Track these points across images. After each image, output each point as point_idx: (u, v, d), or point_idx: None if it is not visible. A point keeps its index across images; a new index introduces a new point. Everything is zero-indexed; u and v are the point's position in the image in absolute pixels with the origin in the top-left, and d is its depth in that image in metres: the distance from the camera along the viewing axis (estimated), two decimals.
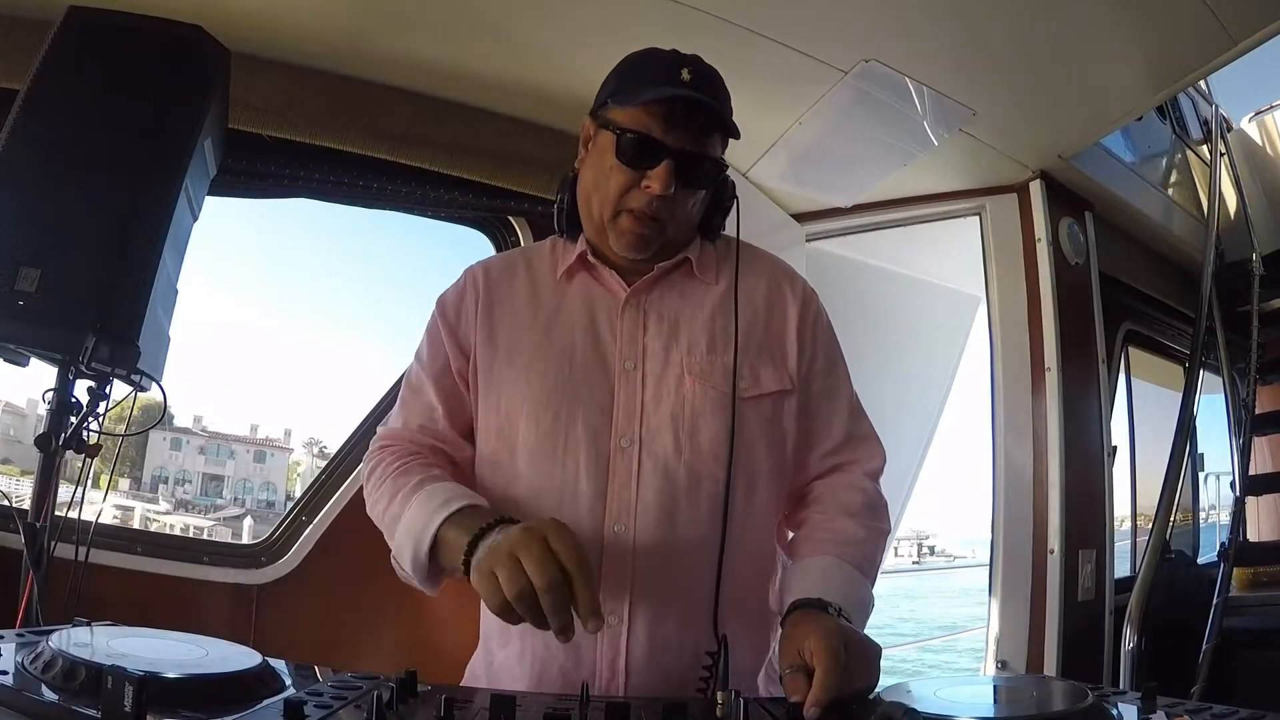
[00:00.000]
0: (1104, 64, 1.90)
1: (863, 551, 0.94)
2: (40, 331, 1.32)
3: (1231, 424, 3.35)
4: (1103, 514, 2.41)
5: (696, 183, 0.95)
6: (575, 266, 1.02)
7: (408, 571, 0.87)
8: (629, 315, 0.98)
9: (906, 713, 0.65)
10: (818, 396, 1.02)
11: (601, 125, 0.95)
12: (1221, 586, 2.53)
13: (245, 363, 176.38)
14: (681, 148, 0.91)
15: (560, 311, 0.99)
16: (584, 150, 1.01)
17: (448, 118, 2.03)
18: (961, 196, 2.49)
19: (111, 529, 1.99)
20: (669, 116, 0.90)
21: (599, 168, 0.95)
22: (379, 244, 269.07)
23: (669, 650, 0.88)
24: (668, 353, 0.96)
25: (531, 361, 0.96)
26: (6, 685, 0.57)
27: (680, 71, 0.92)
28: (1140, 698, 0.74)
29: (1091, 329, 2.51)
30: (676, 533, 0.89)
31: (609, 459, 0.91)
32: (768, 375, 0.97)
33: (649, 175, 0.91)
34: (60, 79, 1.42)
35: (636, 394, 0.94)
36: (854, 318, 2.95)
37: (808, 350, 1.01)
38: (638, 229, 0.95)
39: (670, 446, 0.91)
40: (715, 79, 0.96)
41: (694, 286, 1.01)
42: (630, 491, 0.90)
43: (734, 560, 0.90)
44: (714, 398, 0.93)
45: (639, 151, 0.91)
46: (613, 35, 1.78)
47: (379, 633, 1.95)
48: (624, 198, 0.93)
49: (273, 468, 26.99)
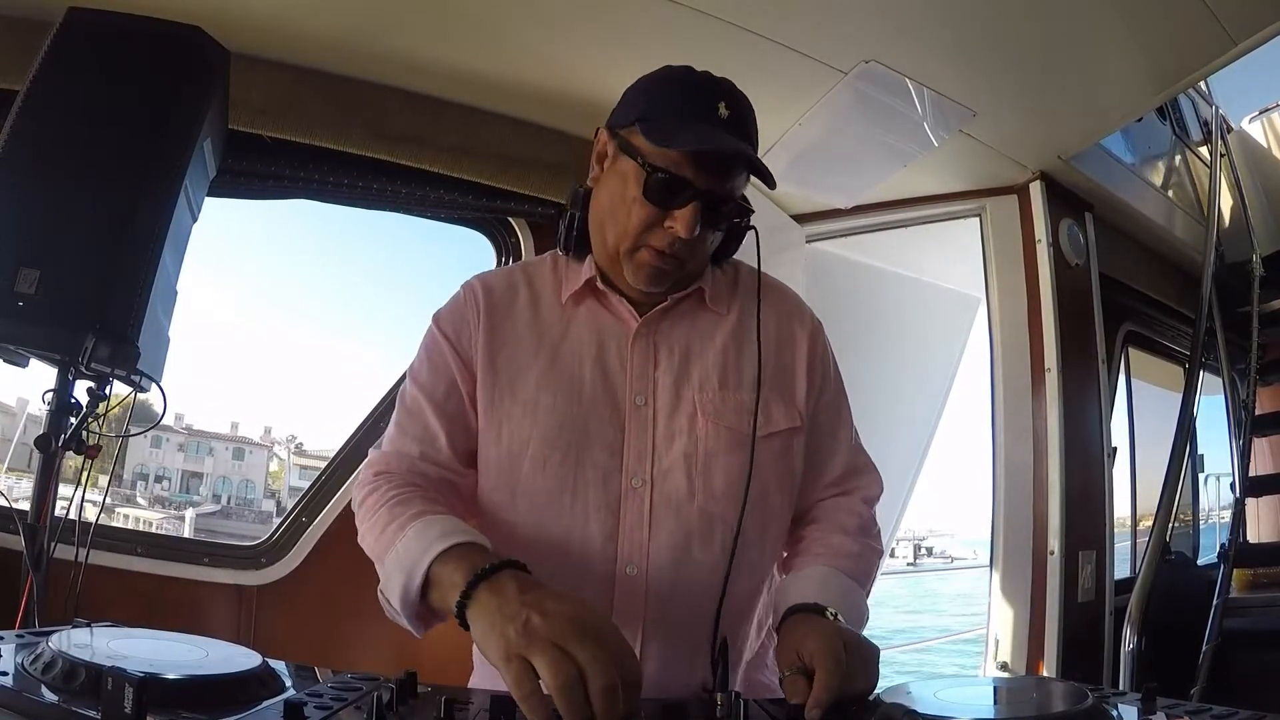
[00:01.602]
0: (1104, 65, 1.90)
1: (857, 565, 0.94)
2: (40, 332, 1.32)
3: (1231, 425, 3.35)
4: (1103, 515, 2.41)
5: (720, 223, 0.92)
6: (583, 291, 0.97)
7: (395, 608, 0.80)
8: (639, 347, 0.95)
9: (907, 714, 0.65)
10: (822, 430, 1.01)
11: (624, 150, 0.90)
12: (1221, 588, 2.53)
13: (228, 360, 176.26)
14: (709, 189, 0.87)
15: (566, 339, 0.95)
16: (598, 168, 0.95)
17: (448, 118, 2.03)
18: (962, 197, 2.49)
19: (112, 530, 1.99)
20: (701, 158, 0.86)
21: (619, 196, 0.90)
22: (377, 243, 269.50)
23: (679, 687, 0.87)
24: (679, 388, 0.93)
25: (538, 394, 0.92)
26: (6, 686, 0.57)
27: (717, 106, 0.87)
28: (1140, 699, 0.74)
29: (1091, 330, 2.51)
30: (690, 573, 0.88)
31: (619, 500, 0.89)
32: (779, 413, 0.95)
33: (674, 215, 0.87)
34: (60, 79, 1.42)
35: (648, 432, 0.91)
36: (854, 319, 2.96)
37: (816, 386, 1.00)
38: (657, 264, 0.90)
39: (683, 488, 0.89)
40: (749, 113, 0.92)
41: (705, 317, 0.98)
42: (642, 533, 0.88)
43: (737, 597, 0.90)
44: (727, 437, 0.91)
45: (667, 191, 0.86)
46: (613, 35, 1.78)
47: (379, 634, 1.93)
48: (644, 234, 0.89)
49: (251, 465, 27.08)
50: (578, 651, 0.60)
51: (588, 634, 0.61)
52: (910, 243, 2.77)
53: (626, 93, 0.96)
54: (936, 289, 3.21)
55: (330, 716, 0.60)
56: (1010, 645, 2.25)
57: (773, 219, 2.52)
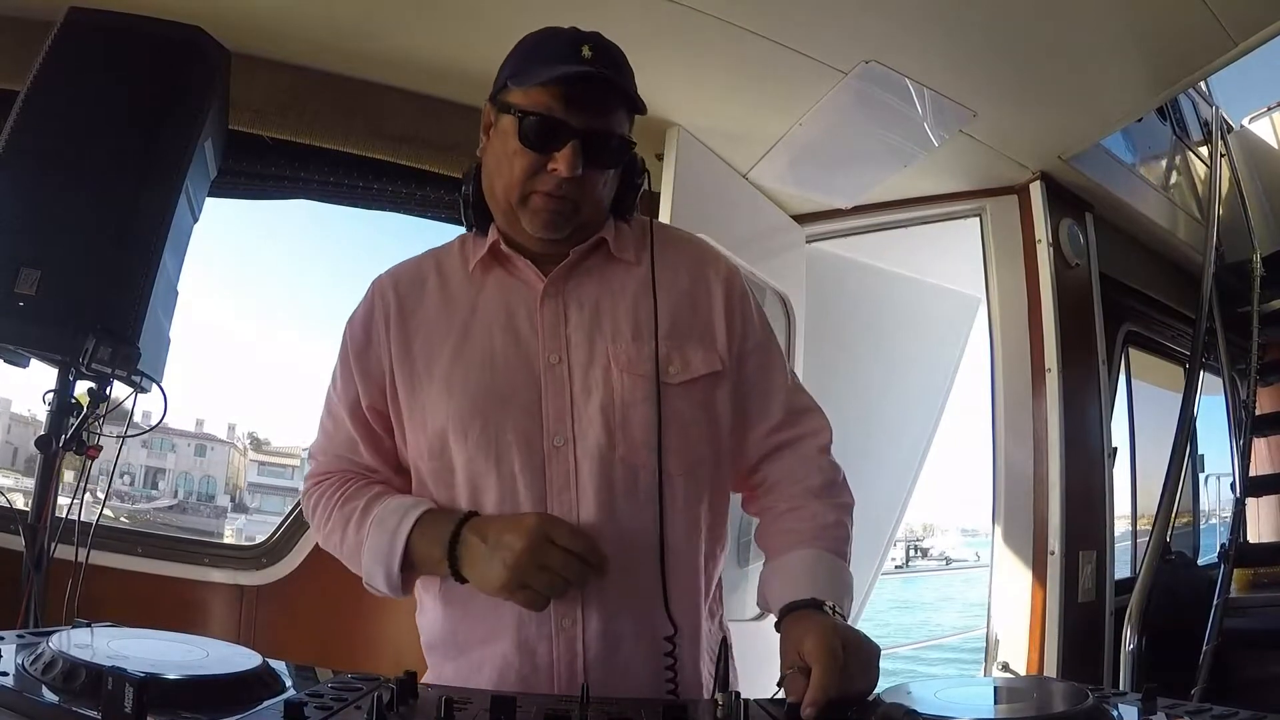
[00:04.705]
0: (1104, 65, 1.90)
1: (836, 534, 0.93)
2: (40, 333, 1.33)
3: (1232, 425, 3.35)
4: (1103, 515, 2.41)
5: (604, 162, 0.91)
6: (488, 259, 0.98)
7: (384, 592, 0.92)
8: (548, 307, 0.94)
9: (907, 714, 0.65)
10: (753, 374, 1.00)
11: (501, 109, 0.91)
12: (1222, 588, 2.53)
13: (196, 357, 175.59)
14: (586, 127, 0.87)
15: (476, 311, 0.95)
16: (485, 137, 0.96)
17: (448, 118, 2.03)
18: (962, 198, 2.49)
19: (112, 530, 1.99)
20: (570, 96, 0.87)
21: (502, 152, 0.91)
22: (359, 244, 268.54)
23: (625, 644, 0.87)
24: (592, 343, 0.93)
25: (451, 370, 0.92)
26: (7, 687, 0.57)
27: (580, 49, 0.88)
28: (1140, 699, 0.74)
29: (1092, 330, 2.51)
30: (620, 527, 0.88)
31: (544, 461, 0.89)
32: (697, 358, 0.94)
33: (555, 157, 0.87)
34: (61, 80, 1.42)
35: (565, 390, 0.91)
36: (855, 319, 2.96)
37: (737, 329, 0.99)
38: (550, 206, 0.90)
39: (604, 441, 0.89)
40: (617, 55, 0.92)
41: (614, 269, 0.97)
42: (570, 493, 0.88)
43: (679, 547, 0.90)
44: (643, 386, 0.90)
45: (542, 133, 0.87)
46: (613, 36, 1.77)
47: (379, 634, 1.94)
48: (530, 181, 0.89)
49: (213, 461, 27.09)
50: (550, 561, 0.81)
51: (539, 547, 0.80)
52: (910, 243, 2.77)
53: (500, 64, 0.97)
54: (936, 289, 3.21)
55: (330, 717, 0.60)
56: (1010, 645, 2.25)
57: (773, 219, 2.52)
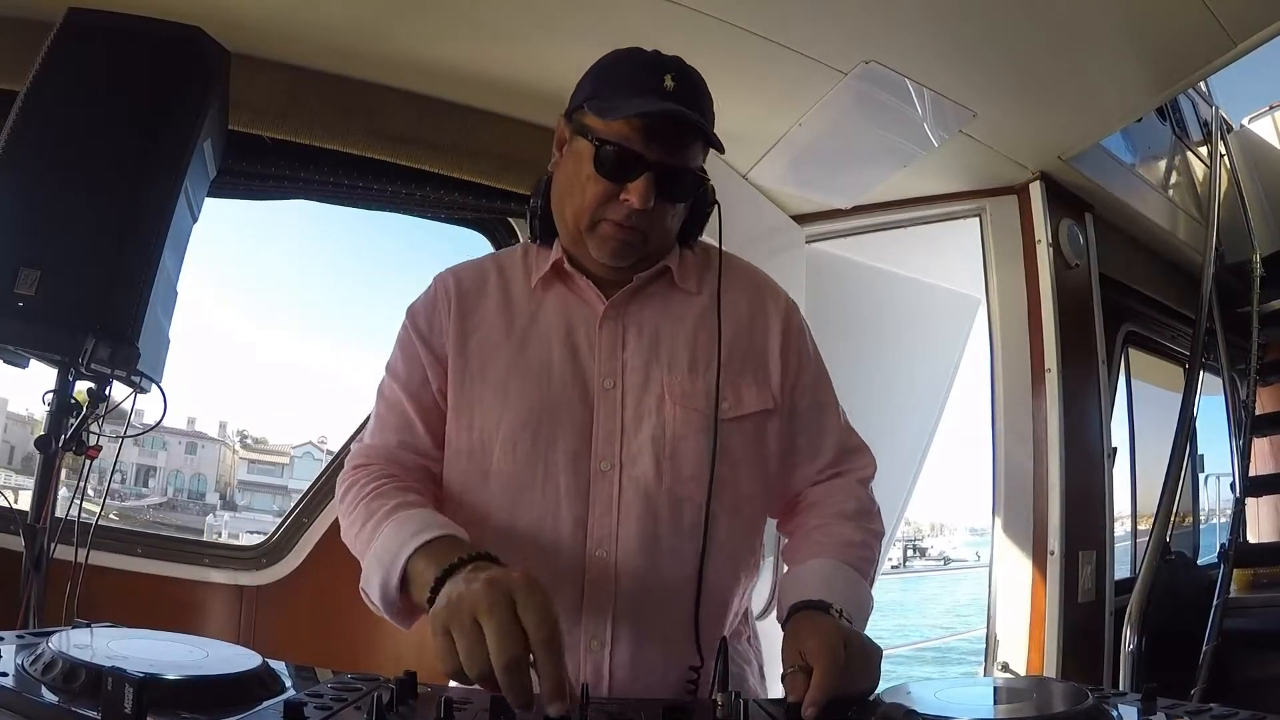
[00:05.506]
0: (1104, 65, 1.90)
1: (860, 554, 0.93)
2: (40, 333, 1.33)
3: (1231, 425, 3.35)
4: (1103, 515, 2.41)
5: (677, 196, 0.92)
6: (550, 276, 0.98)
7: (377, 604, 0.81)
8: (608, 329, 0.95)
9: (907, 714, 0.65)
10: (806, 413, 1.00)
11: (578, 131, 0.92)
12: (1222, 588, 2.53)
13: (190, 355, 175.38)
14: (661, 161, 0.88)
15: (536, 324, 0.96)
16: (558, 153, 0.97)
17: (447, 119, 2.03)
18: (962, 198, 2.49)
19: (112, 530, 1.99)
20: (650, 129, 0.87)
21: (575, 175, 0.92)
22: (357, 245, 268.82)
23: (652, 672, 0.87)
24: (648, 370, 0.93)
25: (507, 379, 0.92)
26: (7, 687, 0.57)
27: (663, 79, 0.88)
28: (1140, 699, 0.74)
29: (1091, 330, 2.51)
30: (659, 558, 0.88)
31: (589, 483, 0.89)
32: (750, 395, 0.95)
33: (628, 188, 0.88)
34: (60, 80, 1.42)
35: (616, 414, 0.91)
36: (854, 319, 2.96)
37: (792, 366, 0.99)
38: (619, 236, 0.91)
39: (651, 472, 0.89)
40: (698, 85, 0.92)
41: (675, 297, 0.98)
42: (611, 517, 0.88)
43: (715, 582, 0.90)
44: (695, 420, 0.91)
45: (619, 164, 0.88)
46: (612, 36, 1.76)
47: (379, 634, 1.94)
48: (601, 208, 0.90)
49: (204, 459, 27.10)
50: (487, 628, 0.61)
51: (498, 605, 0.61)
52: (910, 243, 2.77)
53: (580, 79, 0.97)
54: (936, 289, 3.21)
55: (330, 717, 0.59)
56: (1010, 645, 2.25)
57: (773, 219, 2.52)
